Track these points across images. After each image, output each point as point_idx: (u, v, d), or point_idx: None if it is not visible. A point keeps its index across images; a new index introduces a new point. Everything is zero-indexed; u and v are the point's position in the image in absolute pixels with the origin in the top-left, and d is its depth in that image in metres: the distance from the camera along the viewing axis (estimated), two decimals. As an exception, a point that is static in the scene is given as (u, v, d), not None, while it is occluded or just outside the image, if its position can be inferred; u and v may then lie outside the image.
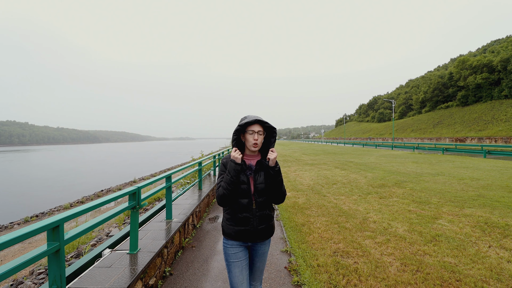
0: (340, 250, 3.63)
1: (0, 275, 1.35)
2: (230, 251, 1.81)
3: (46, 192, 18.42)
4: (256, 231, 1.77)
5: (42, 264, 5.28)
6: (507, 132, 38.83)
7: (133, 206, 2.75)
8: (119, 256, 2.70)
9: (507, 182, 8.25)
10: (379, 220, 4.84)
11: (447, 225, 4.51)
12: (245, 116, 1.80)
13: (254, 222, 1.76)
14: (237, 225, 1.77)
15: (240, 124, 1.75)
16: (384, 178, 9.46)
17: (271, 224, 1.86)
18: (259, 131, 1.75)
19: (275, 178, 1.76)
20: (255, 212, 1.76)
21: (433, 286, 2.73)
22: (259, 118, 1.75)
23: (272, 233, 1.89)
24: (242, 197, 1.75)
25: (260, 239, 1.81)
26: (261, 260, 1.90)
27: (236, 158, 1.72)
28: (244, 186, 1.75)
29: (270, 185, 1.77)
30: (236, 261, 1.79)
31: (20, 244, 7.61)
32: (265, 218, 1.80)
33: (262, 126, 1.79)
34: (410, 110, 79.46)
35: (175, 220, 3.96)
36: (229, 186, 1.70)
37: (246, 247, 1.86)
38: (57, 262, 1.66)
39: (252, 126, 1.75)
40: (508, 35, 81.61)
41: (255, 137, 1.74)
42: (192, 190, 6.18)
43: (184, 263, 3.45)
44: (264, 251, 1.89)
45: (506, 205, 5.65)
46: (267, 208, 1.82)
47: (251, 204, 1.76)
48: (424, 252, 3.51)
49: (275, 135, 1.83)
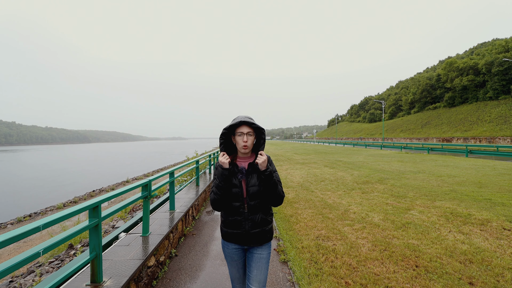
0: (322, 235, 4.19)
1: (59, 241, 1.84)
2: (226, 251, 1.84)
3: (37, 192, 18.49)
4: (248, 235, 1.73)
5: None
6: (491, 132, 40.39)
7: (145, 196, 3.24)
8: (134, 238, 3.20)
9: (480, 179, 8.99)
10: (359, 211, 5.43)
11: (417, 215, 5.13)
12: (235, 118, 1.78)
13: (246, 226, 1.72)
14: (229, 228, 1.76)
15: (226, 128, 1.72)
16: (369, 175, 10.11)
17: (266, 230, 1.79)
18: (248, 132, 1.70)
19: (268, 181, 1.68)
20: (247, 215, 1.72)
21: (396, 260, 3.31)
22: (245, 119, 1.70)
23: (269, 239, 1.82)
24: (234, 200, 1.72)
25: (254, 243, 1.76)
26: (258, 267, 1.78)
27: (223, 163, 1.69)
28: (235, 190, 1.71)
29: (264, 188, 1.71)
30: (232, 262, 1.84)
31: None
32: (258, 223, 1.74)
33: (251, 127, 1.73)
34: (400, 110, 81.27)
35: (178, 211, 4.46)
36: (218, 191, 1.68)
37: (242, 250, 1.84)
38: (96, 234, 2.15)
39: (240, 127, 1.71)
40: (494, 38, 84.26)
41: (244, 139, 1.69)
42: (190, 186, 6.68)
43: (187, 247, 3.96)
44: (261, 256, 1.79)
45: (474, 198, 6.32)
46: (261, 212, 1.76)
47: (243, 207, 1.72)
48: (393, 236, 4.10)
49: (264, 136, 1.79)
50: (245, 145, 1.69)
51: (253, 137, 1.74)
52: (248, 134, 1.70)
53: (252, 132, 1.73)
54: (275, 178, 1.71)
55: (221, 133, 1.74)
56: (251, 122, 1.70)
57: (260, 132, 1.77)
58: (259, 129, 1.75)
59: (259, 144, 1.79)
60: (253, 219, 1.72)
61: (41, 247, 1.65)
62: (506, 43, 49.77)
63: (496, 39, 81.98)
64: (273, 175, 1.70)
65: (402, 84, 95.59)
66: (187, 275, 3.15)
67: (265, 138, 1.79)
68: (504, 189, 7.22)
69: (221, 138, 1.75)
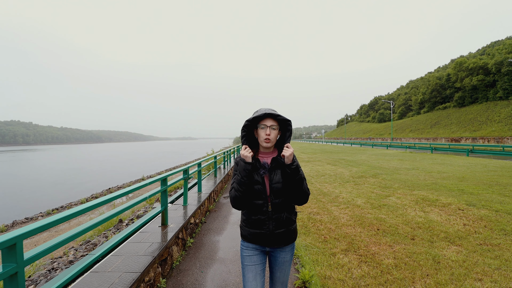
0: (313, 212, 5.48)
1: (143, 198, 3.20)
2: (245, 253, 1.70)
3: (58, 190, 20.04)
4: (273, 235, 1.62)
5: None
6: (499, 132, 40.41)
7: (185, 178, 4.62)
8: (177, 207, 4.60)
9: (465, 174, 10.03)
10: (347, 197, 6.68)
11: (394, 200, 6.34)
12: (257, 110, 1.67)
13: (270, 226, 1.61)
14: (251, 228, 1.65)
15: (249, 119, 1.63)
16: (366, 171, 11.28)
17: (291, 229, 1.68)
18: (271, 125, 1.60)
19: (293, 177, 1.57)
20: (270, 214, 1.61)
21: (364, 226, 4.57)
22: (269, 111, 1.59)
23: (293, 239, 1.72)
24: (256, 198, 1.62)
25: (278, 244, 1.65)
26: (281, 270, 1.72)
27: (246, 156, 1.58)
28: (258, 187, 1.61)
29: (288, 185, 1.61)
30: (251, 265, 1.67)
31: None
32: (283, 222, 1.64)
33: (276, 120, 1.63)
34: (409, 110, 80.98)
35: (204, 192, 5.85)
36: (240, 187, 1.58)
37: (264, 252, 1.72)
38: (165, 195, 3.53)
39: (263, 120, 1.61)
40: (508, 36, 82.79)
41: (267, 132, 1.59)
42: (209, 178, 8.09)
43: (212, 218, 5.34)
44: (284, 260, 1.71)
45: (449, 189, 7.45)
46: (286, 211, 1.66)
47: (266, 205, 1.61)
48: (368, 212, 5.35)
49: (290, 128, 1.67)
50: (267, 138, 1.59)
51: (277, 131, 1.65)
52: (272, 127, 1.60)
53: (276, 125, 1.62)
54: (301, 174, 1.61)
55: (243, 125, 1.64)
56: (276, 114, 1.59)
57: (285, 125, 1.67)
58: (284, 122, 1.65)
59: (283, 139, 1.68)
60: (278, 218, 1.62)
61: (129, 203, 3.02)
62: (516, 42, 49.41)
63: (510, 37, 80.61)
64: (299, 170, 1.60)
65: (412, 83, 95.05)
66: (214, 232, 4.52)
67: (292, 130, 1.68)
68: (481, 183, 8.28)
69: (243, 131, 1.65)
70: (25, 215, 12.18)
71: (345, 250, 3.67)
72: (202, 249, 3.90)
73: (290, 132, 1.66)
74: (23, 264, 1.39)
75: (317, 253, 3.57)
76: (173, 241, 3.35)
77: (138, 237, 3.22)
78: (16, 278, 1.36)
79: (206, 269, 3.26)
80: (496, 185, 7.78)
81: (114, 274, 2.32)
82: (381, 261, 3.32)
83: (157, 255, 2.77)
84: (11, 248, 1.34)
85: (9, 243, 1.32)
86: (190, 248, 3.93)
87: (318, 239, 4.12)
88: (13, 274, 1.35)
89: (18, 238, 1.34)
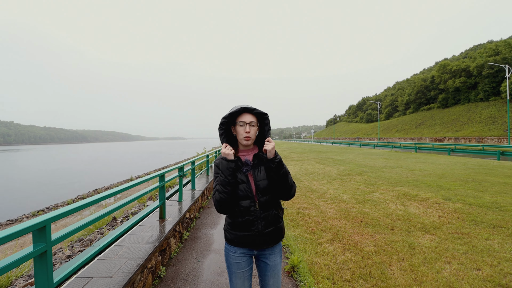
0: (302, 207, 5.79)
1: (139, 196, 3.41)
2: (232, 259, 1.62)
3: (43, 191, 19.67)
4: (262, 235, 1.56)
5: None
6: (480, 132, 42.16)
7: (180, 175, 4.83)
8: (173, 202, 4.81)
9: (445, 172, 10.60)
10: (334, 193, 7.04)
11: (377, 195, 6.73)
12: (233, 107, 1.61)
13: (259, 226, 1.55)
14: (239, 230, 1.57)
15: (225, 117, 1.56)
16: (352, 170, 11.72)
17: (279, 227, 1.64)
18: (251, 122, 1.54)
19: (278, 171, 1.52)
20: (259, 213, 1.55)
21: (348, 219, 4.90)
22: (245, 105, 1.55)
23: (282, 237, 1.67)
24: (242, 198, 1.55)
25: (268, 244, 1.59)
26: (274, 275, 1.64)
27: (228, 154, 1.52)
28: (243, 186, 1.55)
29: (274, 181, 1.55)
30: (238, 271, 1.61)
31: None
32: (272, 220, 1.59)
33: (254, 115, 1.58)
34: (396, 111, 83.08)
35: (197, 190, 6.06)
36: (225, 189, 1.50)
37: (251, 256, 1.65)
38: (163, 190, 3.74)
39: (241, 116, 1.56)
40: (490, 40, 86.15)
41: (247, 129, 1.53)
42: (202, 176, 8.29)
43: (205, 213, 5.56)
44: (275, 263, 1.64)
45: (428, 185, 7.92)
46: (274, 208, 1.61)
47: (254, 205, 1.55)
48: (352, 207, 5.70)
49: (268, 121, 1.61)
50: (247, 136, 1.54)
51: (256, 128, 1.59)
52: (251, 124, 1.54)
53: (255, 122, 1.57)
54: (285, 168, 1.55)
55: (220, 122, 1.58)
56: (252, 108, 1.55)
57: (263, 119, 1.61)
58: (262, 116, 1.60)
59: (262, 134, 1.63)
60: (266, 217, 1.56)
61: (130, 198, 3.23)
62: (496, 46, 51.55)
63: (491, 41, 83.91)
64: (283, 164, 1.55)
65: (398, 85, 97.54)
66: (208, 227, 4.76)
67: (270, 124, 1.63)
68: (459, 179, 8.81)
69: (221, 129, 1.59)
70: (8, 217, 11.99)
71: (330, 240, 3.99)
72: (197, 241, 4.14)
73: (268, 126, 1.61)
74: (51, 244, 1.61)
75: (305, 243, 3.87)
76: (171, 233, 3.57)
77: (138, 230, 3.43)
78: (46, 256, 1.57)
79: (202, 259, 3.51)
80: (472, 182, 8.32)
81: (120, 261, 2.53)
82: (363, 248, 3.64)
83: (158, 245, 2.99)
84: (41, 230, 1.56)
85: (40, 226, 1.53)
86: (186, 240, 4.16)
87: (306, 230, 4.42)
88: (43, 253, 1.56)
89: (47, 221, 1.56)
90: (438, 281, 2.82)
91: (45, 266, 1.56)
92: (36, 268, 1.55)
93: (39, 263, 1.56)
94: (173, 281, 2.95)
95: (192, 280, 2.96)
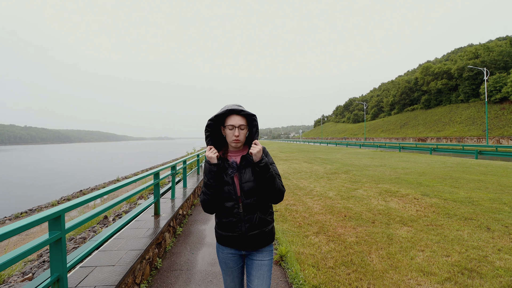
0: (290, 204, 6.06)
1: (134, 193, 3.58)
2: (221, 257, 1.66)
3: (31, 190, 19.26)
4: (246, 238, 1.55)
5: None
6: (460, 133, 43.93)
7: (173, 173, 5.00)
8: (166, 200, 4.98)
9: (425, 170, 11.16)
10: (320, 190, 7.36)
11: (361, 192, 7.10)
12: (222, 107, 1.58)
13: (242, 228, 1.54)
14: (224, 231, 1.59)
15: (211, 119, 1.55)
16: (339, 168, 12.13)
17: (266, 231, 1.60)
18: (240, 125, 1.52)
19: (264, 174, 1.50)
20: (242, 216, 1.54)
21: (333, 214, 5.21)
22: (233, 107, 1.52)
23: (270, 241, 1.64)
24: (226, 200, 1.55)
25: (252, 247, 1.58)
26: (260, 275, 1.60)
27: (211, 158, 1.52)
28: (227, 188, 1.54)
29: (260, 183, 1.53)
30: (227, 269, 1.65)
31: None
32: (256, 223, 1.55)
33: (243, 117, 1.55)
34: (381, 112, 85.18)
35: (189, 188, 6.23)
36: (208, 190, 1.52)
37: (240, 256, 1.66)
38: (158, 187, 3.91)
39: (230, 118, 1.53)
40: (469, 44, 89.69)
41: (236, 133, 1.51)
42: (192, 175, 8.45)
43: (197, 211, 5.75)
44: (262, 263, 1.61)
45: (409, 182, 8.37)
46: (259, 211, 1.57)
47: (238, 207, 1.54)
48: (337, 203, 6.02)
49: (256, 123, 1.58)
50: (236, 139, 1.52)
51: (246, 131, 1.57)
52: (240, 127, 1.52)
53: (245, 125, 1.54)
54: (272, 171, 1.52)
55: (206, 124, 1.57)
56: (239, 110, 1.52)
57: (251, 120, 1.58)
58: (250, 117, 1.57)
59: (252, 134, 1.59)
60: (250, 220, 1.54)
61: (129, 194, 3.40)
62: (475, 50, 53.83)
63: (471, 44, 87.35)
64: (269, 167, 1.52)
65: (384, 86, 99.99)
66: (200, 223, 4.96)
67: (258, 125, 1.59)
68: (438, 177, 9.34)
69: (207, 131, 1.57)
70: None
71: (316, 232, 4.27)
72: (190, 236, 4.33)
73: (256, 127, 1.58)
74: (65, 232, 1.78)
75: (293, 236, 4.13)
76: (166, 228, 3.75)
77: (134, 225, 3.59)
78: (60, 242, 1.74)
79: (196, 251, 3.71)
80: (449, 179, 8.84)
81: (120, 252, 2.71)
82: (346, 239, 3.94)
83: (154, 238, 3.18)
84: (56, 219, 1.73)
85: (56, 215, 1.71)
86: (180, 235, 4.34)
87: (294, 225, 4.68)
88: (57, 240, 1.74)
89: (62, 211, 1.73)
90: (411, 266, 3.13)
91: (60, 252, 1.73)
92: (52, 254, 1.73)
93: (54, 248, 1.73)
94: (169, 272, 3.14)
95: (187, 270, 3.17)
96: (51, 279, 1.69)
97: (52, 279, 1.69)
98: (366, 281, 2.84)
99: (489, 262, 3.22)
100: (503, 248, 3.61)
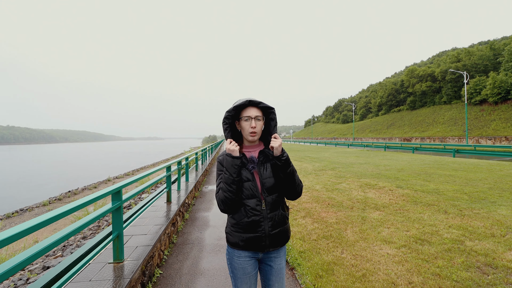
0: (281, 195, 6.84)
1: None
2: (237, 263, 1.50)
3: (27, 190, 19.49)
4: (269, 237, 1.46)
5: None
6: (443, 133, 45.91)
7: (179, 168, 5.70)
8: (173, 191, 5.69)
9: (404, 166, 12.17)
10: (308, 184, 8.19)
11: (344, 185, 7.96)
12: (237, 100, 1.49)
13: (266, 227, 1.44)
14: (245, 232, 1.45)
15: (229, 110, 1.47)
16: (326, 166, 13.03)
17: (286, 228, 1.54)
18: (256, 116, 1.45)
19: (285, 169, 1.42)
20: (265, 214, 1.45)
21: (318, 202, 6.03)
22: (251, 98, 1.44)
23: (288, 238, 1.56)
24: (248, 197, 1.45)
25: (274, 246, 1.49)
26: (279, 280, 1.54)
27: (233, 150, 1.42)
28: (248, 184, 1.45)
29: (280, 179, 1.46)
30: (244, 276, 1.49)
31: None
32: (279, 220, 1.49)
33: (259, 109, 1.48)
34: (369, 112, 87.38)
35: (190, 182, 6.94)
36: (229, 187, 1.41)
37: (256, 260, 1.54)
38: (169, 177, 4.62)
39: (246, 110, 1.46)
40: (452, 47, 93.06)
41: (253, 124, 1.44)
42: (191, 171, 9.15)
43: (199, 202, 6.48)
44: (281, 266, 1.54)
45: (388, 177, 9.30)
46: (280, 207, 1.51)
47: (260, 204, 1.44)
48: (323, 194, 6.85)
49: (274, 116, 1.51)
50: (253, 131, 1.46)
51: (262, 123, 1.51)
52: (257, 118, 1.46)
53: (261, 116, 1.49)
54: (292, 166, 1.48)
55: (224, 117, 1.50)
56: (258, 102, 1.46)
57: (269, 113, 1.53)
58: (267, 111, 1.52)
59: (267, 129, 1.55)
60: (273, 217, 1.47)
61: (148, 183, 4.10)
62: (457, 54, 56.20)
63: (454, 48, 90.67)
64: (290, 162, 1.47)
65: (372, 87, 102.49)
66: (203, 211, 5.69)
67: (276, 119, 1.54)
68: (414, 172, 10.32)
69: (225, 123, 1.51)
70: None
71: (303, 216, 5.06)
72: (196, 221, 5.05)
73: (275, 121, 1.52)
74: (123, 202, 2.49)
75: (284, 219, 4.92)
76: (177, 212, 4.46)
77: (152, 209, 4.30)
78: (120, 210, 2.45)
79: (203, 231, 4.44)
80: (424, 174, 9.83)
81: (148, 226, 3.42)
82: (327, 221, 4.75)
83: (171, 218, 3.89)
84: (117, 193, 2.44)
85: (117, 190, 2.42)
86: (187, 220, 5.06)
87: (284, 211, 5.47)
88: (117, 208, 2.45)
89: (121, 187, 2.44)
90: (377, 238, 3.96)
91: (120, 216, 2.45)
92: (114, 218, 2.44)
93: (116, 214, 2.44)
94: (184, 245, 3.87)
95: (198, 244, 3.90)
96: (114, 235, 2.40)
97: (114, 236, 2.40)
98: (341, 248, 3.65)
99: (439, 235, 4.08)
100: (453, 225, 4.48)
